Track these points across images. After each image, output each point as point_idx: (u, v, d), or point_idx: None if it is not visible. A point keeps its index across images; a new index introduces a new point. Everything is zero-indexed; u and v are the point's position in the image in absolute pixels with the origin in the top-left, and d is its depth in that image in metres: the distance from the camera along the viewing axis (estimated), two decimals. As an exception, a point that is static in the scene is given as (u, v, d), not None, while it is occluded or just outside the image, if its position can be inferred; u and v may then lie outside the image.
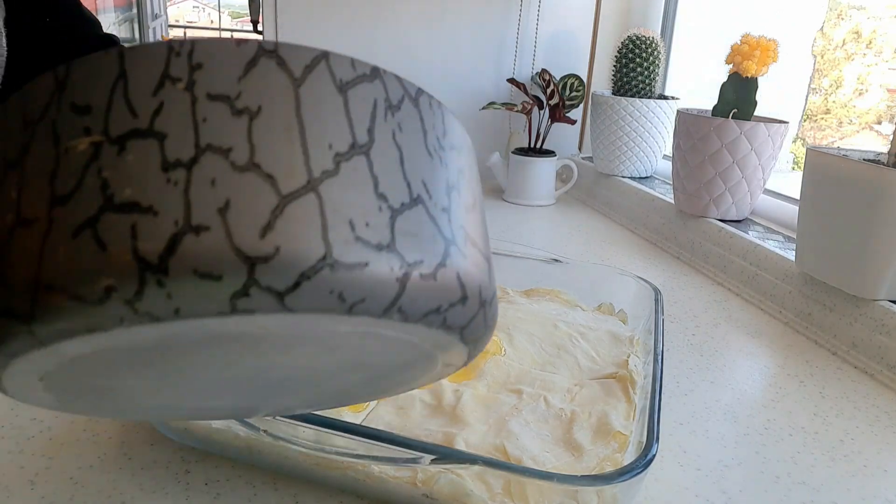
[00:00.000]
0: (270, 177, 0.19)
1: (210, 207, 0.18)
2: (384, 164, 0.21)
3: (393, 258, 0.20)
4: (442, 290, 0.22)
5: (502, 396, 0.45)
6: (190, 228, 0.18)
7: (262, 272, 0.18)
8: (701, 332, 0.66)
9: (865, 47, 1.01)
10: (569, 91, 1.19)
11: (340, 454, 0.36)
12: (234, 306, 0.19)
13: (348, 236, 0.20)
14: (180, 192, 0.18)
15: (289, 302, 0.19)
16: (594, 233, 1.01)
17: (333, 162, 0.20)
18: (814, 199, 0.65)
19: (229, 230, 0.18)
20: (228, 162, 0.19)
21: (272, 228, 0.19)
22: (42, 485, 0.38)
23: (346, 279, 0.19)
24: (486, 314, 0.25)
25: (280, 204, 0.19)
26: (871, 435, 0.49)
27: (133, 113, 0.19)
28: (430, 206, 0.22)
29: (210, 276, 0.18)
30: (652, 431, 0.36)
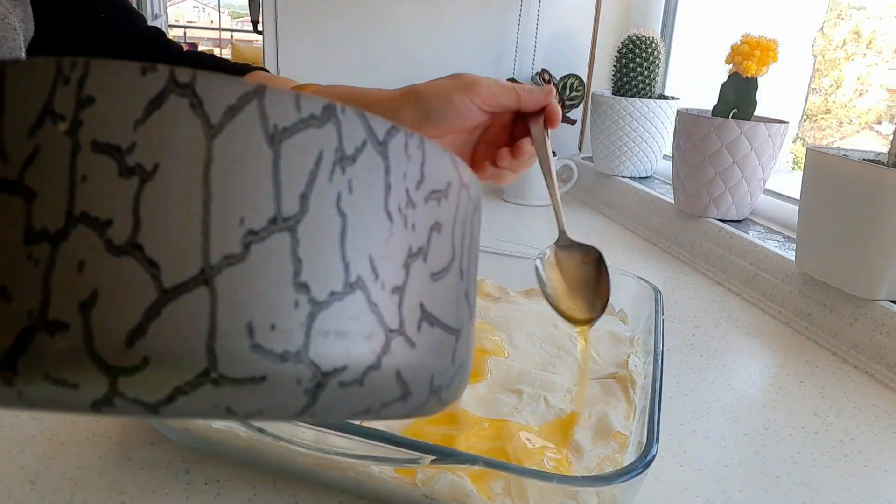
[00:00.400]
0: (153, 264, 0.15)
1: (72, 300, 0.15)
2: (315, 242, 0.17)
3: (301, 369, 0.16)
4: (372, 393, 0.18)
5: (502, 396, 0.45)
6: (44, 324, 0.15)
7: (127, 385, 0.16)
8: (701, 332, 0.66)
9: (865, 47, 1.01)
10: (569, 91, 1.19)
11: (340, 454, 0.36)
12: (97, 409, 0.16)
13: (241, 346, 0.16)
14: (40, 275, 0.15)
15: (163, 412, 0.16)
16: (594, 233, 1.01)
17: (242, 244, 0.16)
18: (814, 199, 0.65)
19: (90, 333, 0.15)
20: (104, 240, 0.15)
21: (143, 334, 0.15)
22: (42, 485, 0.38)
23: (234, 395, 0.16)
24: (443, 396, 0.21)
25: (158, 301, 0.15)
26: (871, 435, 0.49)
27: (3, 159, 0.16)
28: (371, 292, 0.18)
29: (64, 384, 0.15)
30: (652, 431, 0.36)
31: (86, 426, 0.44)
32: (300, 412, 0.17)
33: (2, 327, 0.15)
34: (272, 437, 0.37)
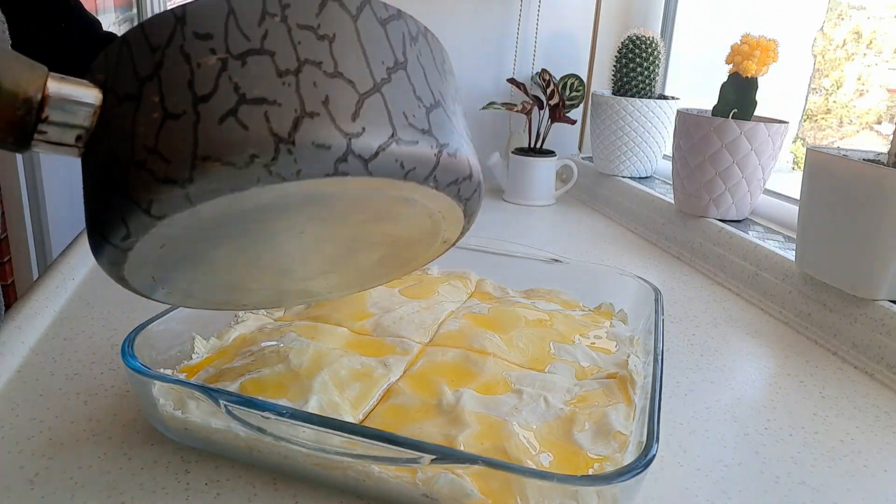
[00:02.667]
0: (351, 81, 0.27)
1: (317, 100, 0.26)
2: (416, 76, 0.29)
3: (431, 139, 0.29)
4: (459, 167, 0.30)
5: (502, 396, 0.45)
6: (306, 114, 0.26)
7: (356, 144, 0.26)
8: (701, 332, 0.66)
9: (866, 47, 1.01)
10: (569, 91, 1.19)
11: (340, 454, 0.36)
12: (336, 169, 0.26)
13: (404, 122, 0.28)
14: (294, 91, 0.26)
15: (371, 167, 0.27)
16: (594, 233, 1.01)
17: (386, 73, 0.28)
18: (814, 199, 0.65)
19: (332, 115, 0.26)
20: (321, 71, 0.27)
21: (358, 115, 0.27)
22: (42, 485, 0.38)
23: (406, 152, 0.28)
24: (480, 192, 0.34)
25: (360, 99, 0.27)
26: (871, 435, 0.49)
27: (246, 37, 0.26)
28: (446, 108, 0.31)
29: (323, 146, 0.26)
30: (652, 431, 0.36)
31: (86, 426, 0.44)
32: (431, 171, 0.29)
33: (282, 120, 0.26)
34: (272, 437, 0.37)
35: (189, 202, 0.26)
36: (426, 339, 0.54)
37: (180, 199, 0.26)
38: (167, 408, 0.40)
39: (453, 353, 0.50)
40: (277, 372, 0.45)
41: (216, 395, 0.37)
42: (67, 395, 0.48)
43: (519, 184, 1.15)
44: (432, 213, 0.33)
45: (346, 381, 0.45)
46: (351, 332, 0.54)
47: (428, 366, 0.49)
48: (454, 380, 0.47)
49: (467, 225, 0.36)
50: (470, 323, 0.56)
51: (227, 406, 0.37)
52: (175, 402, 0.41)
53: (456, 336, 0.53)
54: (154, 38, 0.27)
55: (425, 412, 0.43)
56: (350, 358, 0.48)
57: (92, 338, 0.57)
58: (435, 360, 0.49)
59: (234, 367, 0.47)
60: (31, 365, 0.52)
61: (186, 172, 0.25)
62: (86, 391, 0.48)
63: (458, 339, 0.53)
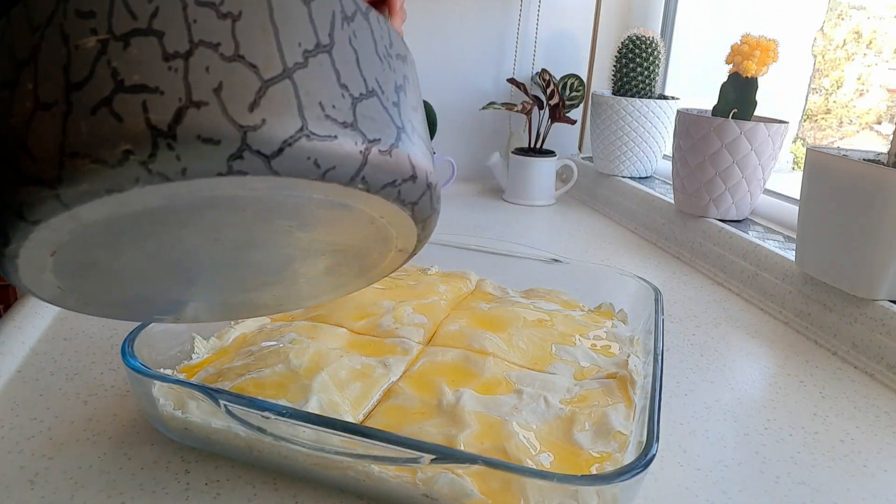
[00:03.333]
0: (253, 66, 0.24)
1: (207, 88, 0.23)
2: (344, 62, 0.26)
3: (356, 135, 0.25)
4: (396, 166, 0.27)
5: (502, 396, 0.45)
6: (192, 104, 0.22)
7: (253, 139, 0.23)
8: (701, 332, 0.66)
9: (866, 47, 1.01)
10: (569, 91, 1.19)
11: (340, 454, 0.36)
12: (230, 167, 0.23)
13: (319, 114, 0.24)
14: (181, 77, 0.23)
15: (275, 165, 0.23)
16: (594, 233, 1.01)
17: (303, 56, 0.25)
18: (814, 199, 0.65)
19: (224, 105, 0.23)
20: (218, 54, 0.23)
21: (258, 105, 0.23)
22: (42, 485, 0.38)
23: (320, 148, 0.24)
24: (432, 196, 0.30)
25: (263, 87, 0.23)
26: (871, 435, 0.49)
27: (133, 16, 0.23)
28: (382, 99, 0.27)
29: (211, 141, 0.22)
30: (652, 431, 0.36)
31: (86, 426, 0.44)
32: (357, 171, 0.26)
33: (163, 110, 0.22)
34: (272, 437, 0.37)
35: (63, 205, 0.23)
36: (426, 339, 0.54)
37: (52, 201, 0.23)
38: (167, 408, 0.40)
39: (453, 353, 0.50)
40: (277, 372, 0.45)
41: (216, 395, 0.37)
42: (67, 395, 0.48)
43: (519, 184, 1.15)
44: (373, 218, 0.30)
45: (346, 381, 0.45)
46: (351, 332, 0.54)
47: (428, 366, 0.49)
48: (454, 380, 0.47)
49: (423, 232, 0.32)
50: (470, 323, 0.56)
51: (227, 406, 0.37)
52: (175, 402, 0.41)
53: (456, 336, 0.53)
54: (35, 17, 0.24)
55: (425, 412, 0.43)
56: (350, 358, 0.48)
57: (92, 338, 0.57)
58: (435, 360, 0.49)
59: (234, 367, 0.47)
60: (31, 365, 0.52)
61: (55, 171, 0.22)
62: (86, 391, 0.48)
63: (458, 339, 0.53)
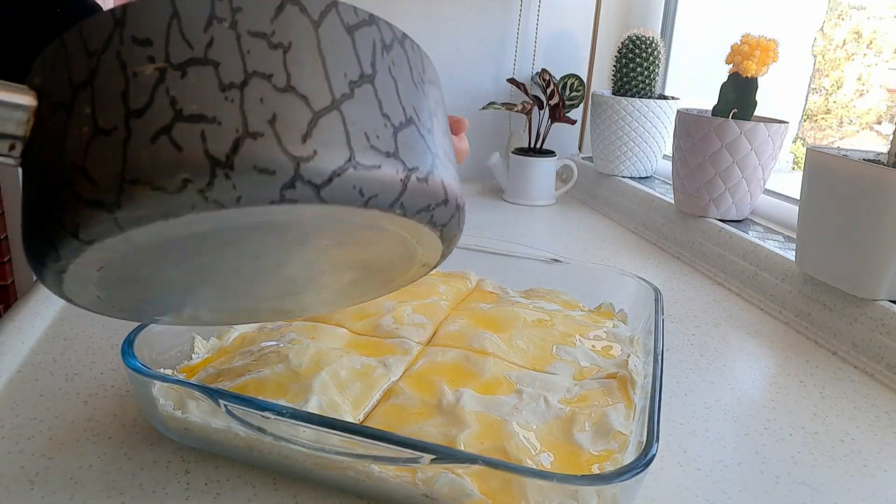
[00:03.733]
0: (304, 97, 0.24)
1: (262, 118, 0.23)
2: (385, 91, 0.27)
3: (397, 163, 0.26)
4: (431, 192, 0.28)
5: (502, 396, 0.45)
6: (248, 134, 0.23)
7: (305, 169, 0.24)
8: (701, 332, 0.66)
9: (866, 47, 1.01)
10: (569, 91, 1.19)
11: (340, 454, 0.36)
12: (282, 196, 0.24)
13: (365, 144, 0.25)
14: (237, 107, 0.23)
15: (324, 194, 0.24)
16: (594, 233, 1.01)
17: (349, 87, 0.25)
18: (814, 199, 0.65)
19: (278, 136, 0.23)
20: (271, 84, 0.24)
21: (310, 136, 0.24)
22: (42, 485, 0.38)
23: (365, 177, 0.25)
24: (460, 217, 0.31)
25: (314, 118, 0.24)
26: (871, 435, 0.49)
27: (189, 45, 0.24)
28: (419, 127, 0.28)
29: (266, 171, 0.23)
30: (652, 431, 0.36)
31: (86, 426, 0.44)
32: (396, 198, 0.26)
33: (221, 140, 0.23)
34: (272, 437, 0.37)
35: (119, 228, 0.24)
36: (426, 339, 0.54)
37: (109, 224, 0.24)
38: (167, 408, 0.40)
39: (453, 353, 0.50)
40: (277, 372, 0.45)
41: (216, 395, 0.37)
42: (67, 395, 0.48)
43: (519, 184, 1.15)
44: (404, 238, 0.31)
45: (346, 381, 0.45)
46: (351, 332, 0.54)
47: (428, 366, 0.49)
48: (454, 380, 0.47)
49: (447, 250, 0.34)
50: (470, 323, 0.56)
51: (227, 406, 0.37)
52: (175, 402, 0.41)
53: (456, 336, 0.53)
54: (91, 42, 0.24)
55: (425, 412, 0.43)
56: (350, 358, 0.48)
57: (92, 338, 0.57)
58: (435, 360, 0.49)
59: (234, 367, 0.47)
60: (31, 365, 0.52)
61: (114, 196, 0.23)
62: (86, 391, 0.48)
63: (458, 339, 0.53)
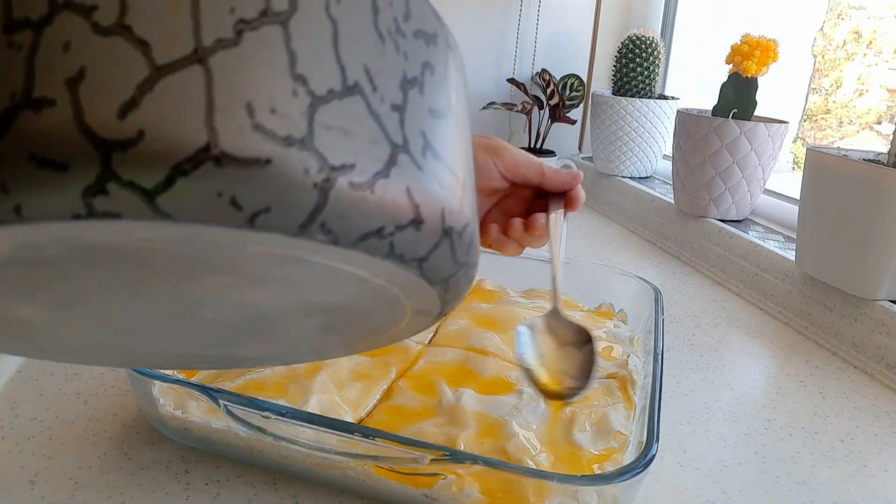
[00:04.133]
0: (143, 42, 0.15)
1: (57, 77, 0.15)
2: (308, 39, 0.17)
3: (308, 157, 0.16)
4: (384, 207, 0.18)
5: (502, 396, 0.45)
6: (29, 103, 0.14)
7: (121, 162, 0.14)
8: (701, 332, 0.66)
9: (865, 47, 1.01)
10: (569, 91, 1.19)
11: (340, 454, 0.36)
12: (90, 207, 0.15)
13: (243, 123, 0.15)
14: (22, 58, 0.15)
15: (162, 204, 0.15)
16: (594, 233, 1.01)
17: (234, 30, 0.16)
18: (814, 199, 0.65)
19: (79, 106, 0.14)
20: (90, 23, 0.15)
21: (137, 106, 0.15)
22: (42, 485, 0.38)
23: (240, 178, 0.15)
24: (455, 246, 0.20)
25: (151, 76, 0.15)
26: (871, 435, 0.49)
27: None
28: (371, 100, 0.18)
29: (52, 165, 0.14)
30: (652, 431, 0.36)
31: (86, 426, 0.44)
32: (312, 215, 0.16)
33: None
34: (272, 437, 0.37)
35: None
36: (426, 339, 0.54)
37: None
38: (167, 408, 0.40)
39: (453, 353, 0.50)
40: (277, 372, 0.45)
41: (216, 395, 0.37)
42: (67, 395, 0.48)
43: (519, 184, 1.15)
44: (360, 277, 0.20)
45: (346, 381, 0.45)
46: (351, 332, 0.54)
47: (428, 366, 0.49)
48: (454, 380, 0.47)
49: (447, 294, 0.22)
50: (470, 323, 0.56)
51: (227, 406, 0.37)
52: (175, 402, 0.41)
53: (456, 336, 0.53)
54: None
55: (425, 412, 0.43)
56: (350, 358, 0.48)
57: (92, 338, 0.57)
58: (435, 360, 0.49)
59: (234, 367, 0.47)
60: (31, 365, 0.52)
61: None
62: (86, 391, 0.48)
63: (458, 339, 0.53)
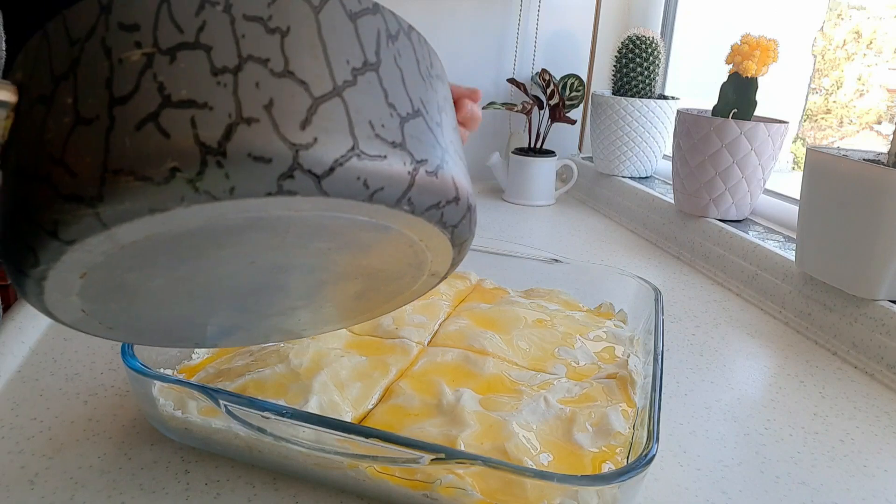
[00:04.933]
0: (303, 83, 0.23)
1: (257, 104, 0.22)
2: (391, 80, 0.26)
3: (405, 155, 0.25)
4: (441, 188, 0.26)
5: (502, 396, 0.45)
6: (242, 120, 0.22)
7: (304, 157, 0.22)
8: (701, 332, 0.66)
9: (865, 47, 1.01)
10: (569, 91, 1.19)
11: (340, 454, 0.36)
12: (280, 187, 0.22)
13: (370, 133, 0.24)
14: (230, 92, 0.22)
15: (325, 185, 0.23)
16: (594, 233, 1.01)
17: (352, 75, 0.24)
18: (814, 199, 0.65)
19: (275, 122, 0.22)
20: (267, 69, 0.23)
21: (310, 123, 0.23)
22: (42, 485, 0.38)
23: (370, 168, 0.24)
24: (471, 218, 0.29)
25: (314, 104, 0.23)
26: (871, 435, 0.49)
27: (179, 29, 0.22)
28: (427, 119, 0.27)
29: (262, 159, 0.22)
30: (652, 431, 0.36)
31: (86, 426, 0.44)
32: (404, 193, 0.25)
33: (212, 126, 0.21)
34: (272, 437, 0.37)
35: (102, 224, 0.22)
36: (426, 339, 0.54)
37: (90, 220, 0.22)
38: (167, 408, 0.40)
39: (453, 353, 0.50)
40: (277, 372, 0.45)
41: (216, 395, 0.37)
42: (67, 395, 0.48)
43: (519, 184, 1.15)
44: (412, 241, 0.29)
45: (346, 381, 0.45)
46: (351, 332, 0.54)
47: (428, 366, 0.49)
48: (454, 380, 0.47)
49: (458, 256, 0.32)
50: (470, 323, 0.56)
51: (227, 406, 0.37)
52: (175, 402, 0.41)
53: (456, 336, 0.53)
54: (74, 30, 0.23)
55: (425, 412, 0.43)
56: (350, 358, 0.48)
57: (92, 338, 0.57)
58: (435, 360, 0.49)
59: (235, 367, 0.47)
60: (31, 365, 0.52)
61: (95, 188, 0.21)
62: (86, 391, 0.48)
63: (458, 339, 0.53)
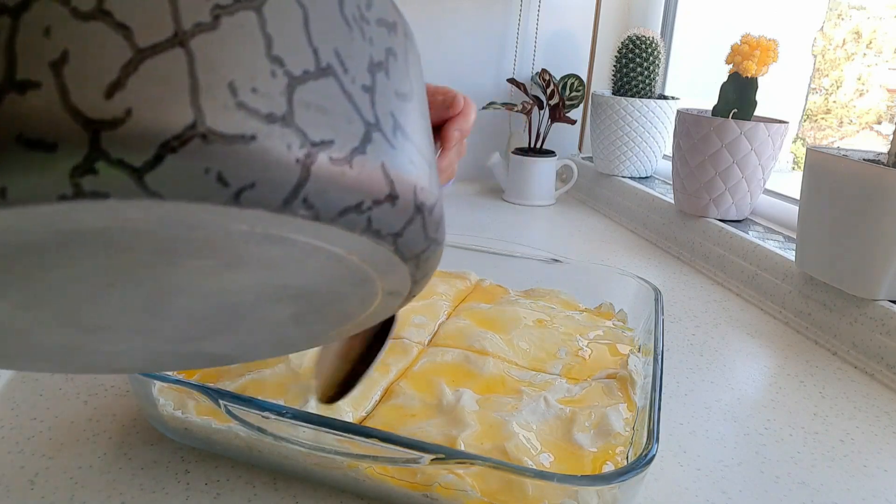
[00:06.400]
0: (124, 27, 0.15)
1: (40, 60, 0.15)
2: (281, 24, 0.18)
3: (290, 133, 0.17)
4: (361, 182, 0.19)
5: (502, 396, 0.45)
6: (12, 85, 0.15)
7: (110, 141, 0.15)
8: (701, 332, 0.66)
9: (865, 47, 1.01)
10: (569, 91, 1.19)
11: (340, 454, 0.36)
12: (77, 187, 0.15)
13: (227, 101, 0.16)
14: (2, 43, 0.15)
15: (151, 182, 0.15)
16: (594, 233, 1.01)
17: (211, 14, 0.16)
18: (814, 199, 0.65)
19: (65, 87, 0.15)
20: (69, 8, 0.15)
21: (122, 87, 0.15)
22: (42, 485, 0.38)
23: (226, 155, 0.16)
24: (427, 222, 0.21)
25: (135, 59, 0.15)
26: (871, 435, 0.49)
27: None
28: (343, 81, 0.19)
29: (40, 145, 0.15)
30: (652, 431, 0.36)
31: (86, 426, 0.44)
32: (293, 191, 0.17)
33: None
34: (272, 437, 0.37)
35: None
36: (426, 339, 0.54)
37: None
38: (167, 408, 0.40)
39: (453, 353, 0.50)
40: (277, 372, 0.45)
41: (216, 395, 0.37)
42: (67, 395, 0.48)
43: (519, 184, 1.15)
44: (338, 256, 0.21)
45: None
46: (351, 332, 0.54)
47: (428, 366, 0.49)
48: (454, 380, 0.47)
49: (418, 271, 0.23)
50: (470, 323, 0.56)
51: (227, 406, 0.37)
52: (175, 402, 0.41)
53: (456, 336, 0.53)
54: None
55: (425, 412, 0.43)
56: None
57: (92, 338, 0.57)
58: (435, 360, 0.49)
59: (234, 367, 0.47)
60: (31, 365, 0.52)
61: None
62: (86, 391, 0.48)
63: (458, 339, 0.53)
